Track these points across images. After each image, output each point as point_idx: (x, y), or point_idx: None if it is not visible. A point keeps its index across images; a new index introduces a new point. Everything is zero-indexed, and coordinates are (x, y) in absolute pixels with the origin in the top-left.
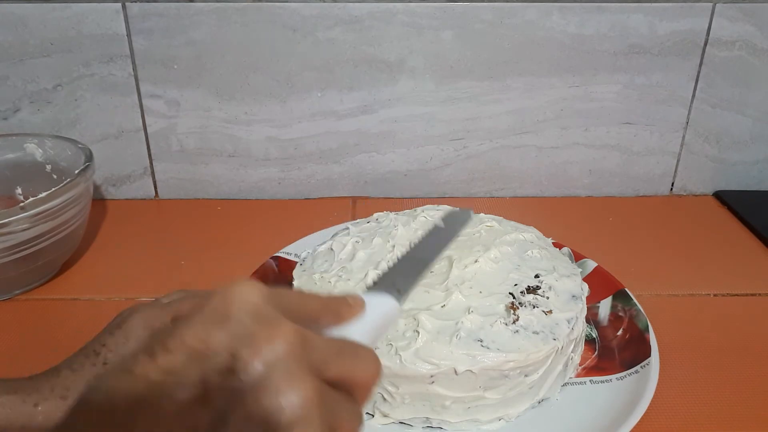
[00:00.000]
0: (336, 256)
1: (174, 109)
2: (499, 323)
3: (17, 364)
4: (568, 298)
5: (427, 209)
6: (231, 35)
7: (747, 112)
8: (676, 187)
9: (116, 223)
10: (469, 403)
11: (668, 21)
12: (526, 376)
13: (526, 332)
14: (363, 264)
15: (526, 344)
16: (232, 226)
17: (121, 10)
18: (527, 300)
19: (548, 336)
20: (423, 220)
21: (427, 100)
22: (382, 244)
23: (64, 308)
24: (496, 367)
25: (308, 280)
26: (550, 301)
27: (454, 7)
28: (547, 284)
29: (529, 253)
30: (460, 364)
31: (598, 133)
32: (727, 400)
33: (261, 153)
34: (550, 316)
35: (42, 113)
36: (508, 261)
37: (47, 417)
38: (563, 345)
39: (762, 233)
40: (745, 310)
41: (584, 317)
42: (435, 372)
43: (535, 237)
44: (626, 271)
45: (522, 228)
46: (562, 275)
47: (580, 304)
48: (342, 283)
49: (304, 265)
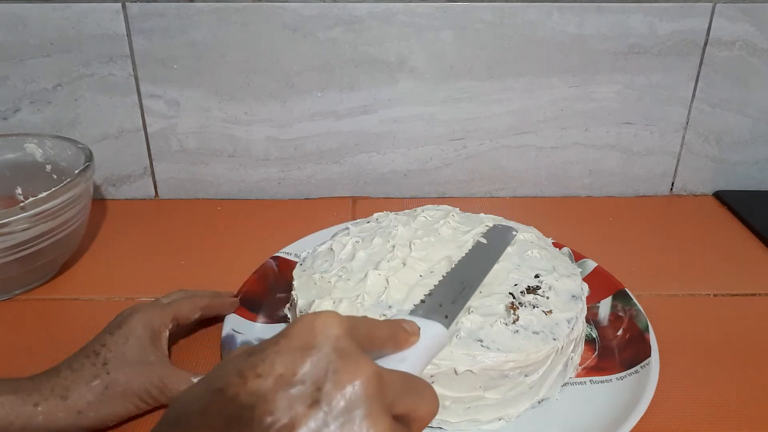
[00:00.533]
0: (336, 256)
1: (174, 109)
2: (499, 323)
3: (17, 364)
4: (568, 298)
5: (427, 209)
6: (231, 35)
7: (747, 112)
8: (676, 187)
9: (116, 223)
10: (469, 403)
11: (668, 21)
12: (526, 376)
13: (526, 332)
14: (363, 264)
15: (526, 344)
16: (232, 226)
17: (121, 10)
18: (527, 300)
19: (548, 336)
20: (423, 220)
21: (427, 100)
22: (382, 244)
23: (64, 308)
24: (496, 367)
25: (308, 280)
26: (550, 301)
27: (454, 7)
28: (547, 284)
29: (528, 253)
30: (460, 364)
31: (598, 133)
32: (727, 400)
33: (261, 153)
34: (550, 316)
35: (42, 113)
36: (508, 261)
37: (47, 417)
38: (563, 345)
39: (762, 233)
40: (745, 310)
41: (584, 317)
42: (435, 372)
43: (535, 237)
44: (626, 271)
45: (522, 228)
46: (562, 275)
47: (580, 304)
48: (342, 282)
49: (303, 265)
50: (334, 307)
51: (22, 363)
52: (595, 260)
